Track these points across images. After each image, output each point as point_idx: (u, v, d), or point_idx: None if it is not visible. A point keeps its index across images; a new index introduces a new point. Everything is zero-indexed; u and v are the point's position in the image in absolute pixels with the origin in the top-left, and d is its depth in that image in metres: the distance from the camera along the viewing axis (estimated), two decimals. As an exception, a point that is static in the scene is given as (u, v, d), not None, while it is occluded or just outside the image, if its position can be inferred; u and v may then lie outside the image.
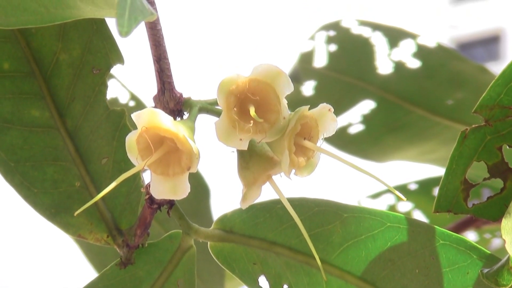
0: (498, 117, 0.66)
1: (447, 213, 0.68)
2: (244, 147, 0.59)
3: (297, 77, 1.24)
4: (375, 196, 1.36)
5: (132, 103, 1.09)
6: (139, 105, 1.09)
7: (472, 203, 0.68)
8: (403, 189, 1.33)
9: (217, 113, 0.62)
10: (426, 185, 1.33)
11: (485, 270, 0.60)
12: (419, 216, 1.33)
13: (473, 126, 0.66)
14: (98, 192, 0.69)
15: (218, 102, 0.59)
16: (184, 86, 0.70)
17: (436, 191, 1.31)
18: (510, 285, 0.58)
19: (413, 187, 1.33)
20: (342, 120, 1.24)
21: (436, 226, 0.65)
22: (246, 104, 0.58)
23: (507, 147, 0.67)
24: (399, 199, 1.34)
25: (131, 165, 0.59)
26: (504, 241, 0.59)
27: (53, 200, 0.69)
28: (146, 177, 0.65)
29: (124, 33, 0.49)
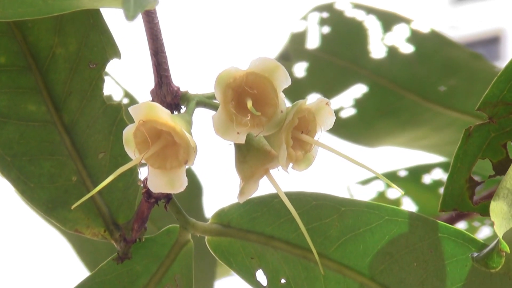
0: (502, 114, 0.65)
1: (453, 211, 0.67)
2: (242, 140, 0.59)
3: (287, 56, 1.23)
4: (365, 182, 1.36)
5: (125, 100, 1.09)
6: (133, 102, 1.09)
7: (477, 200, 0.67)
8: (392, 175, 1.32)
9: (215, 107, 0.62)
10: (415, 172, 1.33)
11: (475, 254, 0.60)
12: (408, 203, 1.33)
13: (477, 123, 0.66)
14: (95, 186, 0.69)
15: (215, 95, 0.58)
16: (181, 79, 0.69)
17: (425, 178, 1.31)
18: (499, 268, 0.58)
19: (402, 174, 1.33)
20: (334, 103, 1.23)
21: (434, 219, 0.65)
22: (244, 97, 0.58)
23: (512, 144, 0.67)
24: (389, 186, 1.33)
25: (128, 160, 0.59)
26: (493, 223, 0.59)
27: (50, 195, 0.69)
28: (144, 171, 0.65)
29: (131, 17, 0.51)
